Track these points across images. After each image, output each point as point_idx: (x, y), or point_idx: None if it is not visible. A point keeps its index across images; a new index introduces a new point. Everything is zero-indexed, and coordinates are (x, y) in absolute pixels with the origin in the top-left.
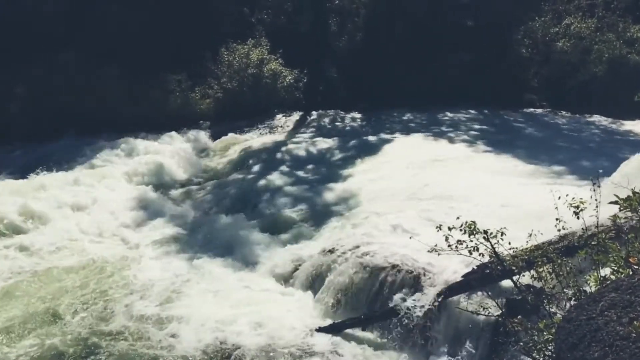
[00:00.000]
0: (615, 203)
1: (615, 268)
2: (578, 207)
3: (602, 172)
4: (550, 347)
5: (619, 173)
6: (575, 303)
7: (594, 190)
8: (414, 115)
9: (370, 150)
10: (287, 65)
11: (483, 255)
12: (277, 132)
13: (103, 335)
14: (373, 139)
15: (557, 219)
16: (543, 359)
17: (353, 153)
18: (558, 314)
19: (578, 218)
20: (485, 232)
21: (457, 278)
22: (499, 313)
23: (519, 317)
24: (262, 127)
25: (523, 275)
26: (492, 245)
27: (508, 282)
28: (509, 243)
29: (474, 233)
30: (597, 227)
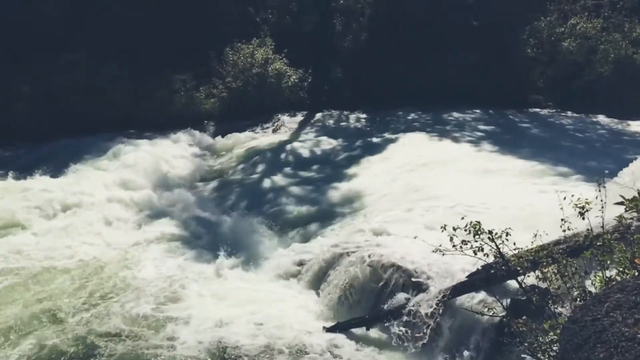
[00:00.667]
0: (621, 204)
1: (621, 269)
2: (583, 207)
3: (607, 172)
4: (555, 348)
5: (626, 174)
6: (581, 304)
7: (600, 191)
8: (419, 115)
9: (375, 150)
10: (291, 65)
11: (488, 256)
12: (281, 131)
13: (103, 336)
14: (378, 139)
15: (562, 220)
16: None
17: (358, 153)
18: (563, 315)
19: (583, 219)
20: (490, 232)
21: (461, 278)
22: (504, 313)
23: (524, 317)
24: (266, 126)
25: (528, 276)
26: (497, 246)
27: (513, 282)
28: (514, 244)
29: (479, 233)
30: (602, 227)
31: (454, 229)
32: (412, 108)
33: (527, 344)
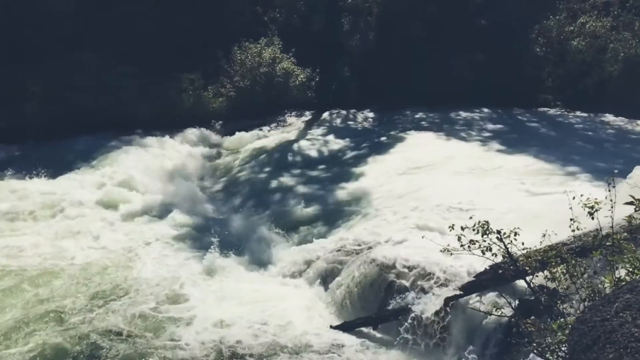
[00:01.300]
0: (631, 204)
1: (631, 269)
2: (593, 207)
3: (617, 172)
4: (564, 348)
5: (636, 173)
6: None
7: (609, 191)
8: (427, 115)
9: (383, 150)
10: (299, 64)
11: (496, 256)
12: (289, 130)
13: (106, 336)
14: (385, 138)
15: (571, 219)
16: None
17: (365, 152)
18: (572, 315)
19: (593, 218)
20: (499, 232)
21: (469, 278)
22: (512, 314)
23: (532, 317)
24: (274, 125)
25: (536, 276)
26: (505, 246)
27: (521, 282)
28: (522, 243)
29: (487, 233)
30: (612, 227)
31: (462, 229)
32: (419, 107)
33: (535, 345)
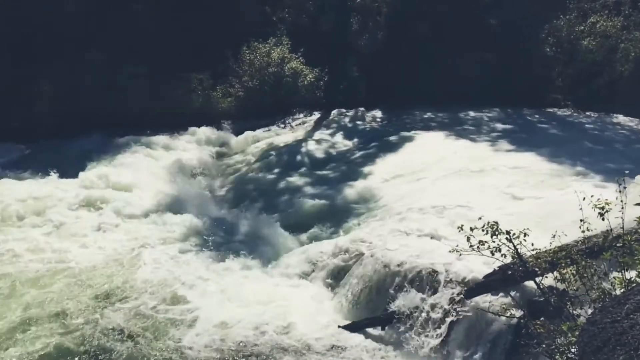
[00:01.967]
0: None
1: None
2: (603, 208)
3: (627, 173)
4: (574, 350)
5: None
6: (600, 305)
7: (620, 192)
8: (435, 114)
9: (392, 150)
10: (308, 64)
11: (505, 256)
12: (297, 130)
13: (108, 336)
14: (394, 138)
15: (581, 220)
16: None
17: (374, 152)
18: (582, 317)
19: (603, 219)
20: (508, 232)
21: (478, 279)
22: (521, 315)
23: (542, 319)
24: (282, 125)
25: (546, 277)
26: (514, 246)
27: (531, 283)
28: (532, 244)
29: (496, 234)
30: (622, 228)
31: (471, 229)
32: (428, 107)
33: (544, 346)
